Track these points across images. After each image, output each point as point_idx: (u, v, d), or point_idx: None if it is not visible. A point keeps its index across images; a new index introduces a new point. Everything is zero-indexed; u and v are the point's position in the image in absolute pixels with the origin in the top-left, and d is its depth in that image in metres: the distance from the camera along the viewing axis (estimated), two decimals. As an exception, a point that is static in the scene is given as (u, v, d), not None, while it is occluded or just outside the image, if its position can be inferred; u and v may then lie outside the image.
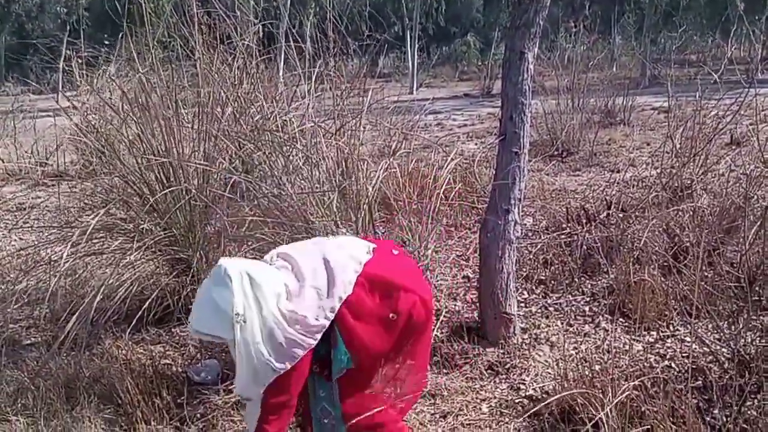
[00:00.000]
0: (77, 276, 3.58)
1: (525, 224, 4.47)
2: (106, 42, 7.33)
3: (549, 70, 8.29)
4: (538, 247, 4.01)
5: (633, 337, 3.08)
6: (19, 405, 2.72)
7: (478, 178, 5.05)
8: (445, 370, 2.85)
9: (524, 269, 3.82)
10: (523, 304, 3.42)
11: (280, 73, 5.10)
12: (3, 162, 7.73)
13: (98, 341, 3.18)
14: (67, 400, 2.72)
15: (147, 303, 3.20)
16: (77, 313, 2.98)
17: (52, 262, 3.40)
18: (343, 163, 3.82)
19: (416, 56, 17.46)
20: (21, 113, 9.67)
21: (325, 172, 3.74)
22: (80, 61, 6.72)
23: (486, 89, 14.55)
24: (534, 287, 3.67)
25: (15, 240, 5.08)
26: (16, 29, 30.73)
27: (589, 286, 3.65)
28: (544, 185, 5.50)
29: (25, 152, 8.03)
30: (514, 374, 2.82)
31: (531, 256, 3.95)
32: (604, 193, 4.83)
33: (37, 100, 13.26)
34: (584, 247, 3.86)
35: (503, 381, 2.79)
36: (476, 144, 7.74)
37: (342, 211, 3.46)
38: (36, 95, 16.14)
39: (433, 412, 2.59)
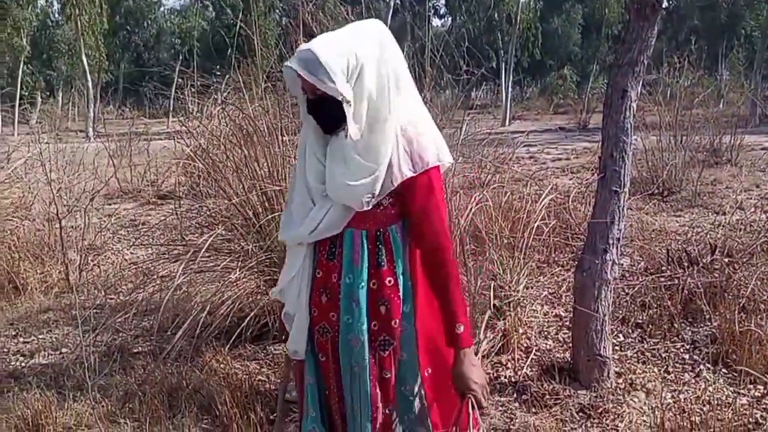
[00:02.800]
0: (182, 291, 3.82)
1: (622, 265, 4.33)
2: (217, 72, 7.85)
3: (650, 105, 8.07)
4: (636, 289, 3.87)
5: (737, 389, 2.90)
6: (127, 409, 2.91)
7: (572, 214, 4.95)
8: (534, 410, 2.80)
9: (620, 311, 3.70)
10: (618, 348, 3.31)
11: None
12: (119, 181, 8.37)
13: (199, 354, 3.36)
14: (169, 408, 2.88)
15: (246, 321, 3.36)
16: (183, 327, 3.18)
17: (163, 278, 3.65)
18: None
19: (510, 89, 17.42)
20: (136, 136, 10.45)
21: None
22: (193, 89, 7.24)
23: (582, 123, 14.28)
24: (630, 331, 3.54)
25: (127, 254, 5.47)
26: (135, 58, 33.38)
27: (690, 332, 3.49)
28: (644, 225, 5.32)
29: (139, 173, 8.66)
30: (606, 419, 2.72)
31: (628, 298, 3.83)
32: (708, 236, 4.61)
33: (151, 124, 14.33)
34: (685, 291, 3.70)
35: (595, 425, 2.70)
36: (571, 179, 7.60)
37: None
38: (150, 119, 17.44)
39: (520, 451, 2.56)
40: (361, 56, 1.57)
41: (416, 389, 1.71)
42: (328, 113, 1.59)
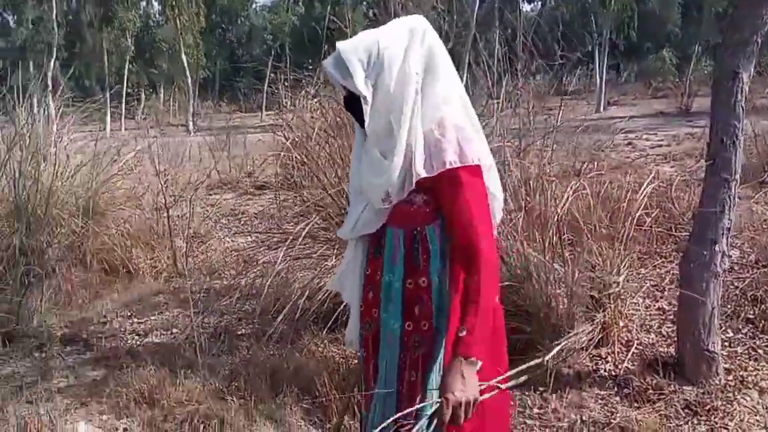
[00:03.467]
0: (281, 277, 3.97)
1: (731, 256, 4.09)
2: (309, 66, 8.05)
3: (761, 87, 7.53)
4: (746, 282, 3.66)
5: None
6: (233, 387, 3.08)
7: (675, 203, 4.73)
8: (636, 404, 2.72)
9: (729, 305, 3.50)
10: (726, 343, 3.14)
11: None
12: (218, 173, 8.77)
13: (299, 337, 3.49)
14: (272, 388, 3.02)
15: (342, 306, 3.45)
16: (284, 311, 3.32)
17: (264, 264, 3.82)
18: (529, 182, 3.82)
19: (605, 73, 16.72)
20: (234, 130, 10.88)
21: (509, 190, 3.77)
22: (286, 84, 7.46)
23: (684, 107, 13.51)
24: (740, 326, 3.34)
25: (229, 242, 5.74)
26: (229, 55, 34.72)
27: (808, 329, 3.26)
28: (754, 215, 4.99)
29: (237, 165, 9.03)
30: (715, 417, 2.60)
31: (737, 292, 3.62)
32: (829, 227, 4.27)
33: (245, 117, 14.90)
34: (803, 285, 3.46)
35: (702, 423, 2.59)
36: (673, 167, 7.23)
37: (527, 230, 3.45)
38: (244, 114, 18.14)
39: (622, 445, 2.50)
40: (384, 51, 1.53)
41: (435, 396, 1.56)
42: (359, 109, 1.57)
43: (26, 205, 4.54)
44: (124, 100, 23.07)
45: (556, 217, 3.23)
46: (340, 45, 1.56)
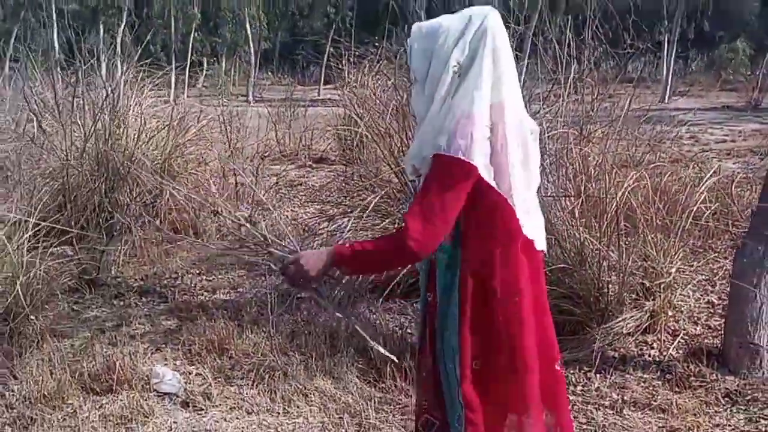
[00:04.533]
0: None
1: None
2: (375, 43, 8.17)
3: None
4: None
5: None
6: (295, 344, 3.33)
7: (735, 200, 4.71)
8: (677, 389, 2.83)
9: (780, 303, 3.53)
10: (773, 339, 3.19)
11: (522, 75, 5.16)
12: (279, 144, 9.03)
13: (355, 305, 3.70)
14: (330, 347, 3.25)
15: (397, 278, 3.64)
16: (343, 279, 3.52)
17: (327, 234, 4.04)
18: (589, 170, 3.88)
19: (672, 62, 16.18)
20: (294, 102, 11.11)
21: (566, 176, 3.85)
22: (351, 60, 7.60)
23: (753, 102, 13.03)
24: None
25: (288, 211, 5.99)
26: (291, 27, 34.94)
27: None
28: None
29: (296, 137, 9.26)
30: (754, 407, 2.69)
31: (790, 290, 3.63)
32: None
33: (304, 91, 15.11)
34: None
35: (741, 411, 2.68)
36: (736, 163, 7.10)
37: (585, 217, 3.54)
38: (302, 87, 18.34)
39: (661, 425, 2.61)
40: (439, 37, 1.61)
41: (453, 370, 1.66)
42: None
43: (109, 164, 4.87)
44: (188, 68, 23.59)
45: (614, 205, 3.31)
46: (413, 29, 1.68)
